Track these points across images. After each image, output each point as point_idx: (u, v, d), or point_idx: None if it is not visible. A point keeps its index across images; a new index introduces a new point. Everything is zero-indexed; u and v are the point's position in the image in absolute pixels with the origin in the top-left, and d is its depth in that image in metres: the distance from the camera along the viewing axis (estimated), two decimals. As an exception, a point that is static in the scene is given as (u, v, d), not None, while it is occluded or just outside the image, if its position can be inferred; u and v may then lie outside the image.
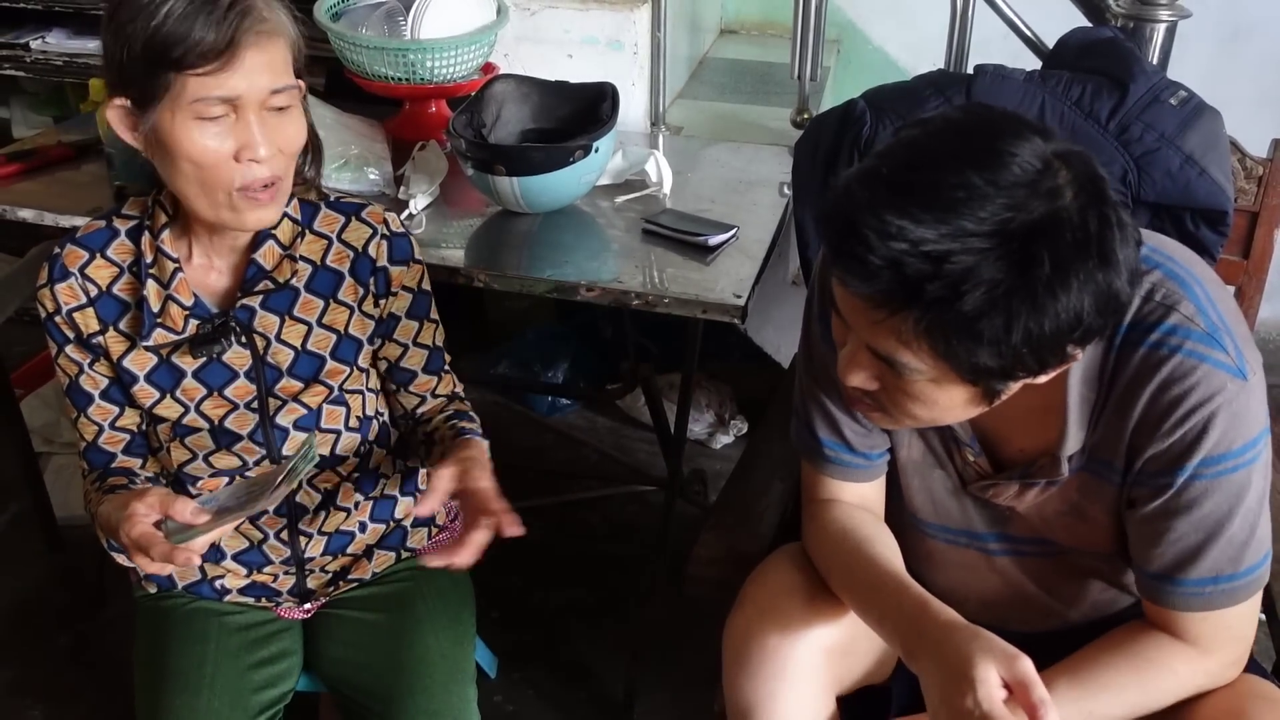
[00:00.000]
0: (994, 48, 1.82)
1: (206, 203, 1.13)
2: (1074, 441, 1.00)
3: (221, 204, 1.12)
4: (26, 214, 1.69)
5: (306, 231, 1.23)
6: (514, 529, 1.10)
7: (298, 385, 1.25)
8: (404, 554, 1.39)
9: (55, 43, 2.35)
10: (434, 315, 1.31)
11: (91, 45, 2.32)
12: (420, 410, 1.33)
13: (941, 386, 0.90)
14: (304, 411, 1.26)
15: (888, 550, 1.08)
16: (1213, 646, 0.99)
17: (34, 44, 2.34)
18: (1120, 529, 1.04)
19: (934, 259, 0.80)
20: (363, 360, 1.28)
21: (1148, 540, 0.99)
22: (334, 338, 1.25)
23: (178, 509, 1.06)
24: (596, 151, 1.58)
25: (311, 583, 1.34)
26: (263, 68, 1.08)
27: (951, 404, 0.92)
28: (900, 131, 0.89)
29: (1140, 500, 0.99)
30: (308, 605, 1.36)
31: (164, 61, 1.06)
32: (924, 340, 0.84)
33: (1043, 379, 0.90)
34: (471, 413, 1.33)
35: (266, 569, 1.32)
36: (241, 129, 1.09)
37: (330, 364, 1.25)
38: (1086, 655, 1.00)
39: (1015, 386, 0.92)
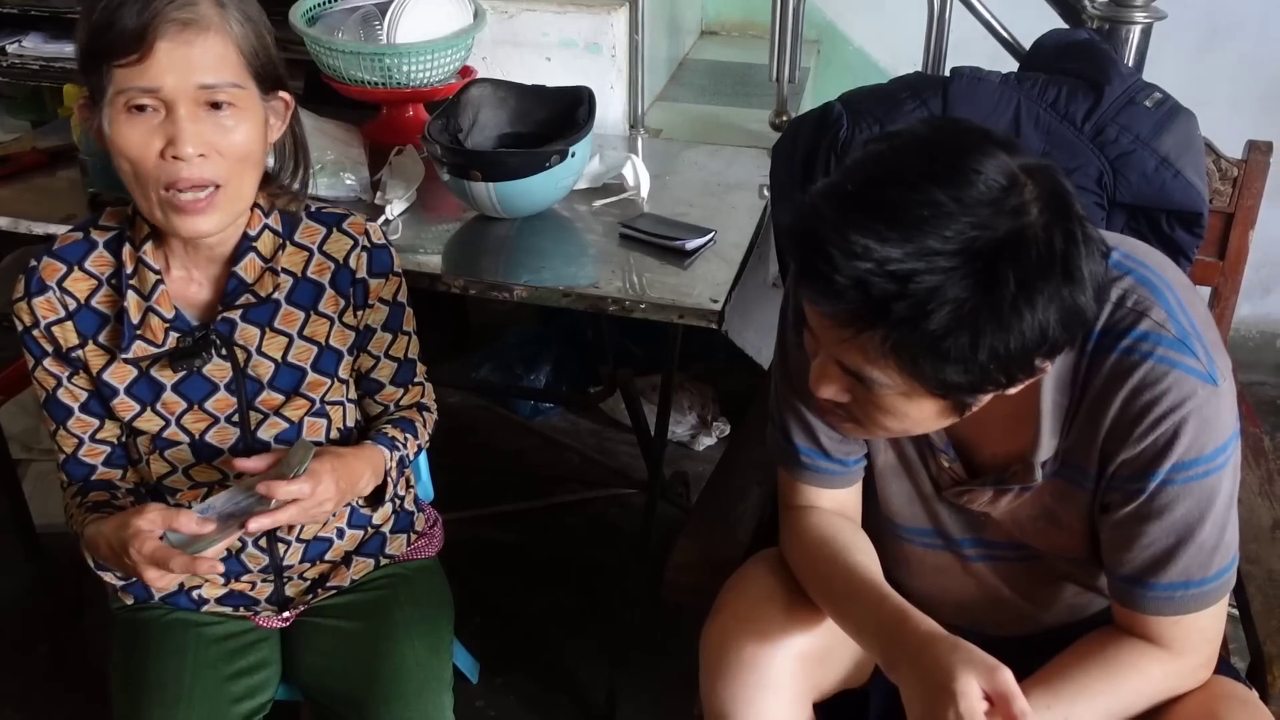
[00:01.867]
0: (972, 48, 1.82)
1: (144, 203, 1.13)
2: (1047, 447, 1.00)
3: (155, 205, 1.11)
4: (1, 221, 1.68)
5: (287, 243, 1.22)
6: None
7: (279, 399, 1.24)
8: (382, 561, 1.38)
9: (31, 47, 2.33)
10: (408, 327, 1.31)
11: (68, 49, 2.30)
12: (379, 419, 1.33)
13: (911, 400, 0.90)
14: (285, 425, 1.25)
15: (866, 558, 1.08)
16: (1184, 649, 1.00)
17: (10, 48, 2.32)
18: (1093, 534, 1.04)
19: (899, 278, 0.80)
20: (343, 371, 1.27)
21: (1119, 544, 0.99)
22: (315, 350, 1.24)
23: (181, 522, 1.06)
24: (573, 156, 1.58)
25: (290, 590, 1.34)
26: (190, 61, 1.07)
27: (922, 416, 0.93)
28: (868, 145, 0.89)
29: (1113, 505, 0.99)
30: (286, 614, 1.35)
31: (97, 53, 1.06)
32: (891, 358, 0.85)
33: (1012, 391, 0.91)
34: (416, 422, 1.32)
35: (244, 577, 1.31)
36: (169, 125, 1.08)
37: (311, 376, 1.25)
38: (1058, 663, 1.01)
39: (985, 399, 0.92)
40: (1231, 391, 0.97)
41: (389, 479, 1.25)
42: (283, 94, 1.18)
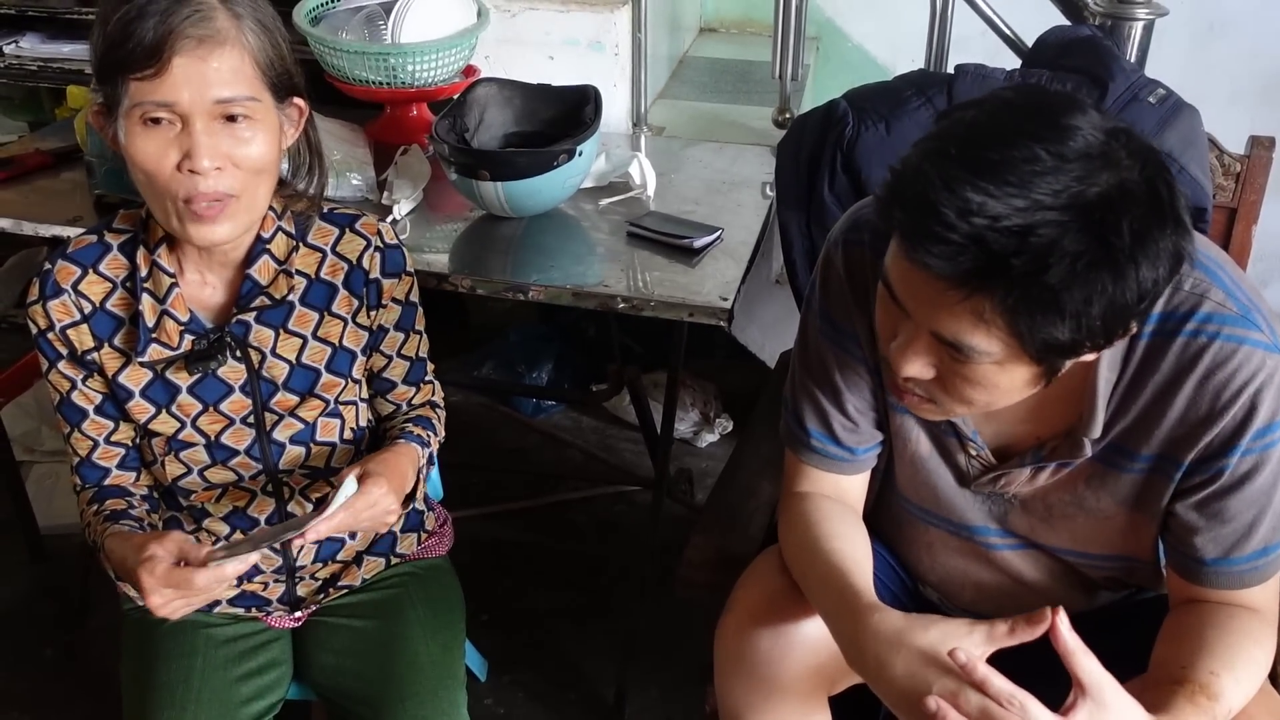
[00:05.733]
0: (973, 45, 1.83)
1: (160, 212, 1.13)
2: (1099, 424, 1.00)
3: (170, 214, 1.11)
4: (4, 223, 1.67)
5: (300, 245, 1.22)
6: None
7: (293, 400, 1.24)
8: (394, 560, 1.39)
9: (29, 47, 2.33)
10: (419, 326, 1.31)
11: (66, 50, 2.30)
12: (393, 418, 1.34)
13: (1004, 368, 0.89)
14: (300, 426, 1.25)
15: (844, 544, 1.08)
16: (1271, 610, 1.02)
17: (7, 49, 2.32)
18: (1126, 524, 1.05)
19: (1017, 233, 0.80)
20: (356, 372, 1.28)
21: (1200, 526, 1.01)
22: (329, 350, 1.25)
23: (191, 554, 1.07)
24: (580, 155, 1.58)
25: (301, 590, 1.34)
26: (206, 76, 1.06)
27: (1011, 386, 0.92)
28: (952, 114, 0.89)
29: (1191, 489, 1.00)
30: (298, 614, 1.35)
31: (114, 65, 1.06)
32: (1002, 318, 0.84)
33: (1091, 356, 0.91)
34: (433, 420, 1.33)
35: (257, 578, 1.31)
36: (185, 138, 1.08)
37: (326, 377, 1.25)
38: (1223, 642, 0.99)
39: (1069, 365, 0.92)
40: None
41: (420, 477, 1.26)
42: (297, 101, 1.18)
